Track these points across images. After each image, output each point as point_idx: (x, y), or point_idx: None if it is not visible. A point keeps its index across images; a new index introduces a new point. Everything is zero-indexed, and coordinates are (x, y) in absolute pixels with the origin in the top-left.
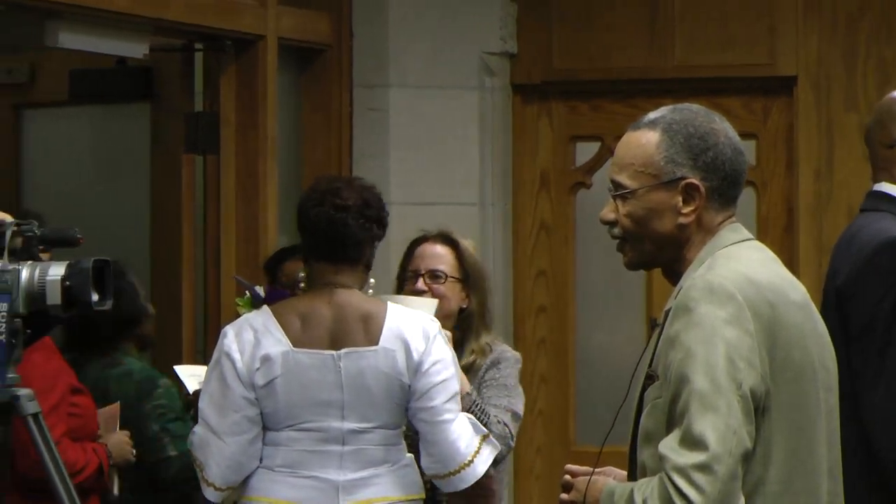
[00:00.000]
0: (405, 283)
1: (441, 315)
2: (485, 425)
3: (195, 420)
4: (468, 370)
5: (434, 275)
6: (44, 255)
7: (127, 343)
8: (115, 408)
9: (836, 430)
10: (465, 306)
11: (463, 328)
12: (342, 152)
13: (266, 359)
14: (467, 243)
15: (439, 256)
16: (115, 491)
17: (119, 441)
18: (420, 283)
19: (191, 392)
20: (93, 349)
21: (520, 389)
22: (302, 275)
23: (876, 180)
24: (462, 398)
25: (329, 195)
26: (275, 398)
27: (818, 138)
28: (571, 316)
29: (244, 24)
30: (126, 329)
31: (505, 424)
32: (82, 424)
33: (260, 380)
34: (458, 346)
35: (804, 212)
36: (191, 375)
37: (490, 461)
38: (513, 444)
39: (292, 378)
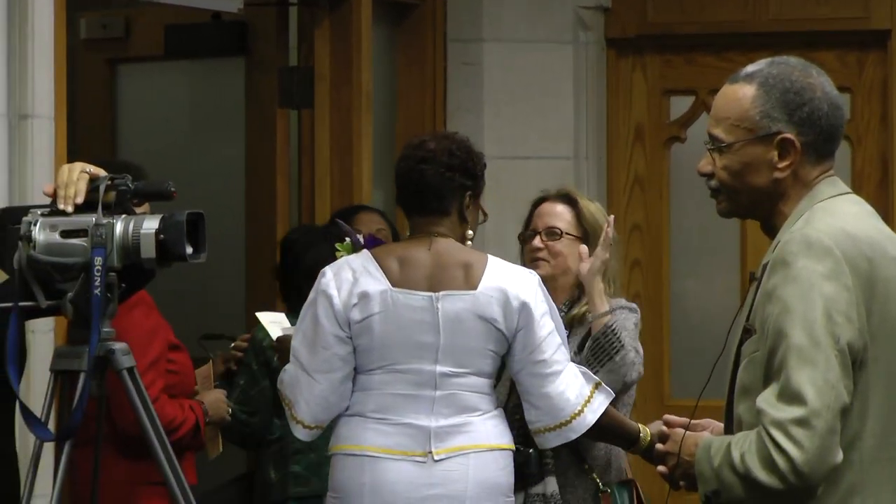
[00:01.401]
0: (526, 241)
1: (560, 271)
2: (616, 351)
3: (281, 364)
4: (580, 321)
5: (551, 232)
6: (142, 209)
7: None
8: (209, 367)
9: None
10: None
11: (582, 285)
12: (436, 107)
13: (364, 295)
14: (589, 203)
15: (557, 215)
16: (220, 448)
17: (215, 399)
18: (537, 241)
19: (274, 339)
20: None
21: (636, 334)
22: (407, 234)
23: None
24: (601, 318)
25: (416, 149)
26: (370, 335)
27: None
28: (666, 270)
29: None
30: None
31: (637, 351)
32: (179, 381)
33: (357, 315)
34: (576, 302)
35: None
36: (272, 322)
37: (602, 410)
38: (643, 370)
39: (389, 317)
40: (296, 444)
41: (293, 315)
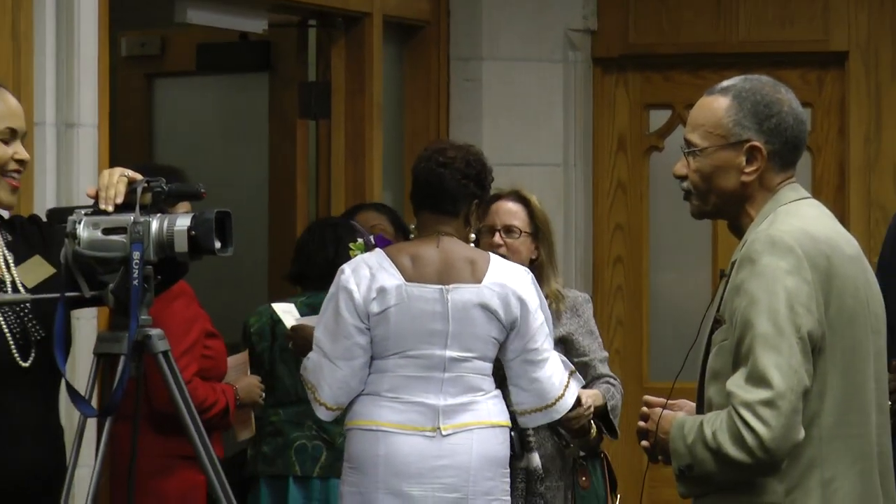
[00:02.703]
0: (482, 236)
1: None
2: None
3: (294, 351)
4: None
5: (508, 230)
6: (183, 208)
7: None
8: (244, 355)
9: (883, 370)
10: (534, 257)
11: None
12: (440, 118)
13: (381, 290)
14: (535, 199)
15: (513, 213)
16: (253, 430)
17: (249, 384)
18: (497, 238)
19: (288, 327)
20: None
21: (596, 327)
22: (413, 226)
23: None
24: (604, 403)
25: (436, 153)
26: (387, 325)
27: (867, 107)
28: (645, 266)
29: (353, 2)
30: None
31: (611, 383)
32: (213, 365)
33: (375, 308)
34: None
35: (854, 173)
36: (285, 312)
37: (576, 394)
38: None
39: (404, 308)
40: (266, 427)
41: (309, 295)
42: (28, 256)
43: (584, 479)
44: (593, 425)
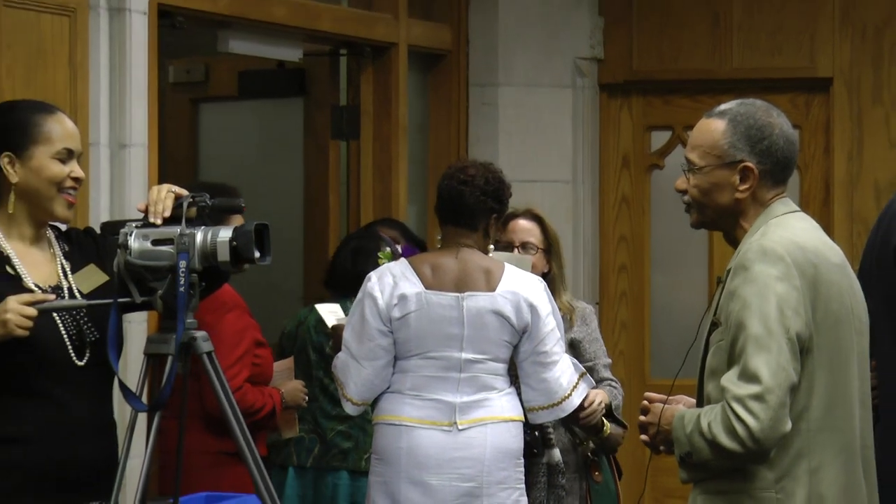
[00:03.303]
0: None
1: None
2: (613, 398)
3: (333, 349)
4: None
5: (525, 246)
6: (236, 221)
7: None
8: (289, 361)
9: (866, 368)
10: (546, 271)
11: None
12: (460, 138)
13: (403, 297)
14: (547, 217)
15: (528, 230)
16: (297, 430)
17: (294, 388)
18: (515, 253)
19: (329, 326)
20: None
21: (601, 335)
22: (439, 237)
23: None
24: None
25: (458, 172)
26: (408, 329)
27: (850, 128)
28: (647, 273)
29: (380, 33)
30: None
31: (613, 385)
32: (261, 372)
33: (397, 313)
34: None
35: (838, 188)
36: (329, 312)
37: (584, 394)
38: (622, 391)
39: (423, 313)
40: None
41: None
42: (83, 265)
43: (596, 473)
44: (606, 424)
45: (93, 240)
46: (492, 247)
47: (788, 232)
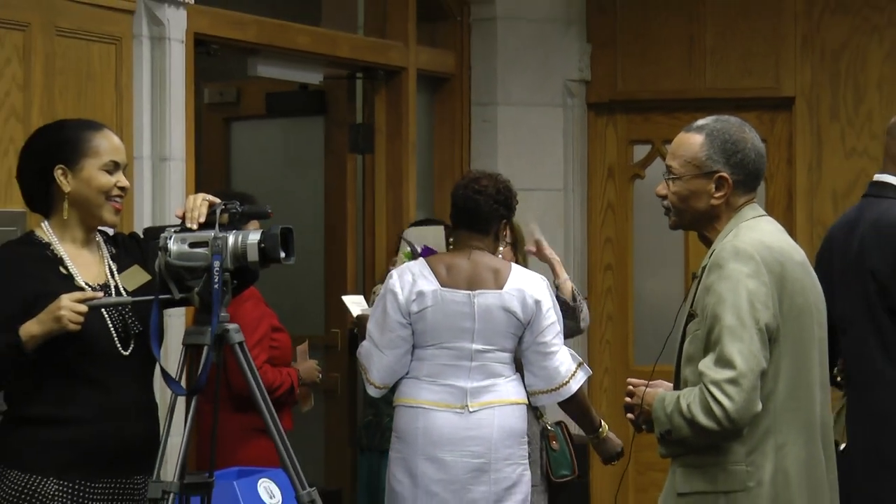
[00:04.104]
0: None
1: None
2: (580, 310)
3: (358, 335)
4: None
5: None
6: (253, 225)
7: None
8: (305, 344)
9: (825, 354)
10: (515, 261)
11: None
12: (463, 152)
13: (420, 293)
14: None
15: None
16: (312, 404)
17: (309, 367)
18: None
19: (354, 315)
20: None
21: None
22: (451, 239)
23: (884, 171)
24: (566, 283)
25: (472, 182)
26: (424, 322)
27: (810, 143)
28: (630, 271)
29: (392, 59)
30: None
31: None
32: (280, 354)
33: (415, 308)
34: None
35: (800, 196)
36: (353, 303)
37: (582, 381)
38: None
39: (438, 309)
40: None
41: None
42: (128, 266)
43: (554, 442)
44: (604, 425)
45: (137, 243)
46: (501, 248)
47: (757, 234)
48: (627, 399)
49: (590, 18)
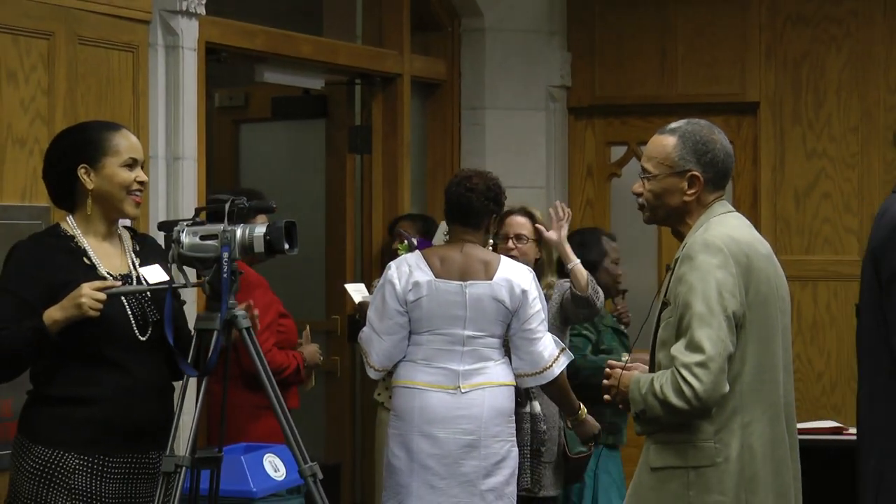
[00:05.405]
0: (497, 242)
1: (525, 263)
2: (597, 293)
3: (360, 321)
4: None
5: (519, 238)
6: (261, 219)
7: None
8: (307, 330)
9: (788, 339)
10: (538, 257)
11: (536, 271)
12: (454, 153)
13: (416, 284)
14: (538, 213)
15: (521, 224)
16: (313, 383)
17: (312, 350)
18: (510, 244)
19: (356, 302)
20: None
21: None
22: (445, 234)
23: None
24: (578, 266)
25: (464, 180)
26: (420, 310)
27: (773, 145)
28: None
29: (388, 66)
30: None
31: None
32: (286, 338)
33: (411, 297)
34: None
35: (764, 194)
36: (355, 290)
37: (564, 366)
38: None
39: (433, 297)
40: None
41: None
42: (151, 264)
43: (568, 420)
44: (582, 408)
45: (162, 248)
46: (491, 241)
47: (726, 228)
48: (605, 381)
49: (571, 30)
